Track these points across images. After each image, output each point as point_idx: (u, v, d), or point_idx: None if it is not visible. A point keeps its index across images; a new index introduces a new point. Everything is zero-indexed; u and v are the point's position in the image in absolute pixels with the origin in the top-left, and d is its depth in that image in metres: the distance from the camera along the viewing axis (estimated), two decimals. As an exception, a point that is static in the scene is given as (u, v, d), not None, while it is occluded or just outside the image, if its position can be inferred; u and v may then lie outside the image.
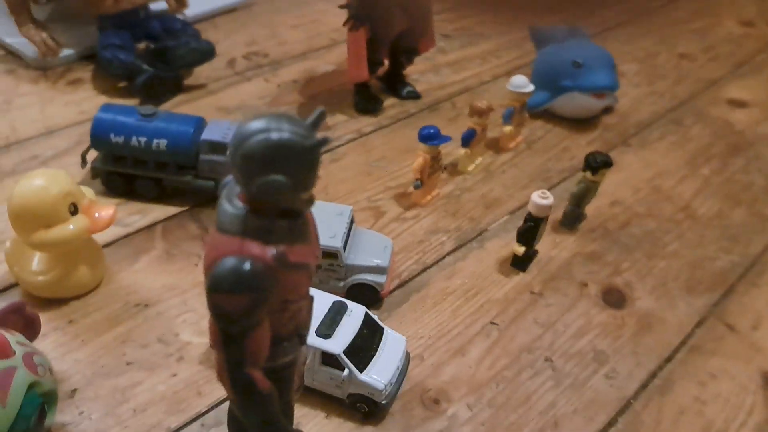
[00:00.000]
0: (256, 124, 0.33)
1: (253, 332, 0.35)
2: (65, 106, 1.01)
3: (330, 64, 1.20)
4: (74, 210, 0.66)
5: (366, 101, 1.07)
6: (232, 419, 0.44)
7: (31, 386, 0.53)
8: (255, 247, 0.34)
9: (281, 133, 0.33)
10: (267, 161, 0.33)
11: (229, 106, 1.04)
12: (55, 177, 0.66)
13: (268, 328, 0.36)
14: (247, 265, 0.33)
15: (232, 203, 0.35)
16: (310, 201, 0.36)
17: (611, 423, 0.65)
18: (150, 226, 0.81)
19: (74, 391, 0.62)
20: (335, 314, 0.63)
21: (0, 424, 0.51)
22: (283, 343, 0.38)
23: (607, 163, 0.82)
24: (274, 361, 0.38)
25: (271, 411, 0.37)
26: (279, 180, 0.33)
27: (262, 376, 0.36)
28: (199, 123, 0.82)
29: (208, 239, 0.36)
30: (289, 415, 0.43)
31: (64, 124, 0.97)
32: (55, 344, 0.66)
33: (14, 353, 0.54)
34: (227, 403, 0.62)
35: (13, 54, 1.11)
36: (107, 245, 0.77)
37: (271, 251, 0.34)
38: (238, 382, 0.36)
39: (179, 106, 1.03)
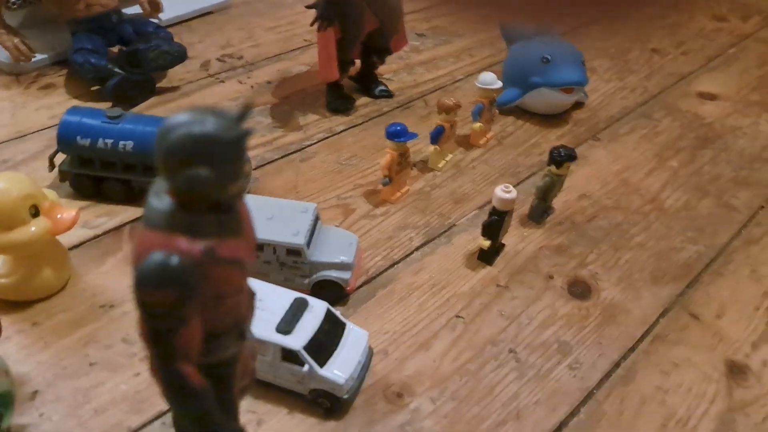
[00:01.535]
0: (179, 118, 0.34)
1: (181, 328, 0.35)
2: (37, 111, 1.01)
3: (304, 65, 1.20)
4: (35, 212, 0.66)
5: (337, 100, 1.08)
6: (173, 418, 0.45)
7: (-12, 388, 0.54)
8: (182, 242, 0.34)
9: (203, 125, 0.33)
10: (189, 154, 0.33)
11: (200, 108, 1.04)
12: (15, 179, 0.66)
13: (198, 323, 0.36)
14: (174, 260, 0.34)
15: (159, 198, 0.35)
16: (240, 193, 0.36)
17: (573, 413, 0.65)
18: (117, 228, 0.81)
19: (35, 393, 0.62)
20: (296, 311, 0.63)
21: (-45, 425, 0.51)
22: (221, 338, 0.39)
23: (571, 157, 0.83)
24: (212, 356, 0.39)
25: (206, 407, 0.37)
26: (202, 173, 0.33)
27: (194, 371, 0.36)
28: (166, 124, 0.82)
29: (136, 236, 0.36)
30: (233, 411, 0.43)
31: (35, 129, 0.97)
32: (18, 347, 0.66)
33: (-29, 355, 0.54)
34: (189, 401, 0.63)
35: (-16, 60, 1.11)
36: (74, 247, 0.77)
37: (199, 246, 0.34)
38: (169, 378, 0.36)
39: (152, 108, 1.03)
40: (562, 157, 0.82)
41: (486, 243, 0.79)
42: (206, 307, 0.36)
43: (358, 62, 1.10)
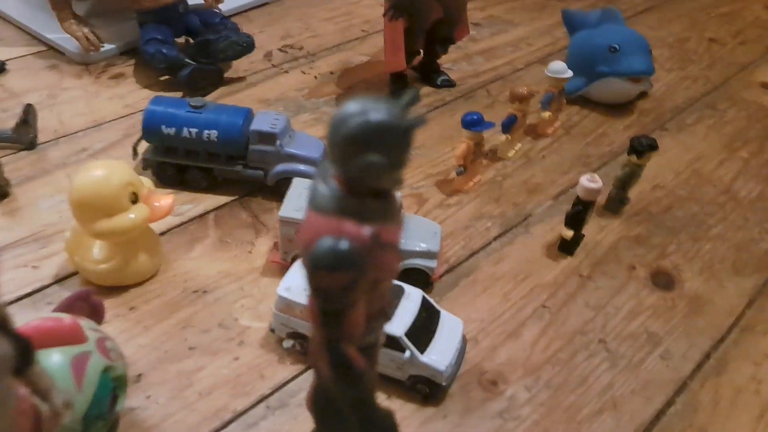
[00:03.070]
0: (354, 107, 0.34)
1: (350, 310, 0.36)
2: (110, 100, 1.02)
3: (364, 55, 1.20)
4: (135, 199, 0.68)
5: (402, 91, 1.07)
6: (318, 400, 0.45)
7: (105, 371, 0.55)
8: (352, 227, 0.35)
9: (380, 114, 0.34)
10: (366, 142, 0.34)
11: (269, 98, 1.05)
12: (116, 167, 0.67)
13: (363, 306, 0.37)
14: (345, 244, 0.34)
15: (327, 184, 0.36)
16: (400, 181, 0.37)
17: (669, 403, 0.65)
18: (202, 215, 0.82)
19: (140, 376, 0.63)
20: (394, 298, 0.64)
21: (76, 408, 0.52)
22: (371, 322, 0.39)
23: (653, 147, 0.82)
24: (363, 340, 0.39)
25: (366, 389, 0.38)
26: (377, 160, 0.34)
27: (357, 353, 0.37)
28: (248, 114, 0.83)
29: (305, 219, 0.36)
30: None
31: (111, 118, 0.98)
32: (118, 331, 0.67)
33: (87, 339, 0.55)
34: (291, 385, 0.64)
35: (55, 50, 1.13)
36: (162, 234, 0.78)
37: (367, 230, 0.35)
38: (336, 359, 0.37)
39: (221, 98, 1.04)
40: (644, 147, 0.82)
41: (569, 233, 0.79)
42: (364, 291, 0.37)
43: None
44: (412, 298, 0.65)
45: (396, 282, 0.66)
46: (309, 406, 0.47)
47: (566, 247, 0.81)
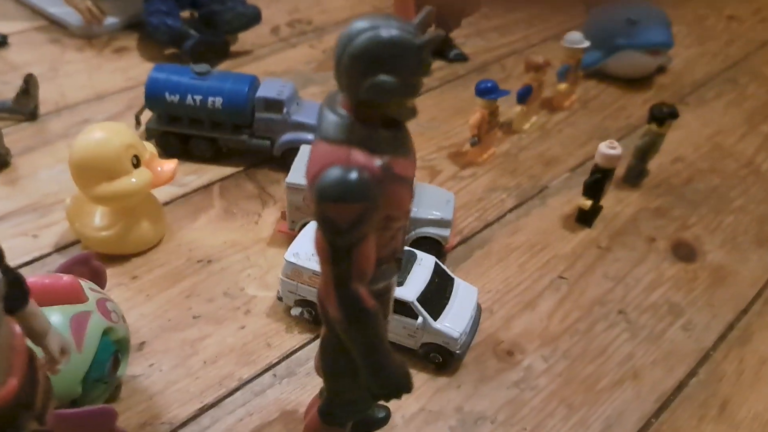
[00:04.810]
0: (363, 23, 0.31)
1: (360, 245, 0.33)
2: (112, 73, 1.00)
3: (373, 30, 1.18)
4: (137, 163, 0.65)
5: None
6: (327, 355, 0.42)
7: (106, 332, 0.53)
8: (362, 156, 0.32)
9: (390, 30, 0.31)
10: (376, 60, 0.31)
11: (276, 71, 1.03)
12: (117, 129, 0.65)
13: (374, 243, 0.34)
14: (354, 174, 0.32)
15: (335, 111, 0.33)
16: (414, 110, 0.34)
17: (692, 374, 0.63)
18: (207, 186, 0.80)
19: (143, 343, 0.61)
20: (405, 263, 0.61)
21: (76, 369, 0.50)
22: (382, 266, 0.37)
23: (674, 114, 0.79)
24: (374, 284, 0.37)
25: (376, 332, 0.35)
26: (389, 81, 0.31)
27: (368, 293, 0.34)
28: (253, 81, 0.81)
29: (312, 149, 0.34)
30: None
31: (113, 90, 0.96)
32: (120, 299, 0.65)
33: (87, 298, 0.53)
34: (299, 354, 0.61)
35: (57, 24, 1.10)
36: (165, 204, 0.76)
37: (377, 161, 0.33)
38: (345, 298, 0.34)
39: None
40: (664, 114, 0.79)
41: (587, 203, 0.76)
42: (376, 229, 0.34)
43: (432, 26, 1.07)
44: (424, 264, 0.62)
45: (408, 248, 0.63)
46: (317, 365, 0.44)
47: (584, 218, 0.78)
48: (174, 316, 0.64)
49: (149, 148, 0.68)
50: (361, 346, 0.36)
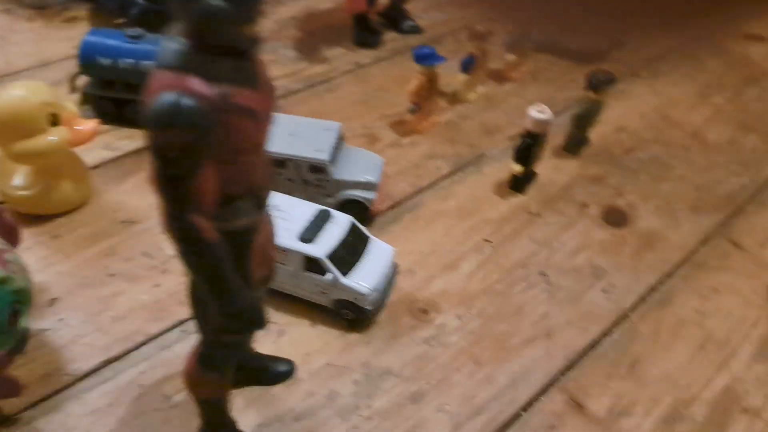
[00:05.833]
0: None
1: (195, 175, 0.33)
2: (60, 42, 0.99)
3: (330, 2, 1.17)
4: (55, 122, 0.65)
5: (364, 34, 1.04)
6: (190, 290, 0.43)
7: (2, 282, 0.52)
8: (196, 83, 0.32)
9: (219, -50, 0.31)
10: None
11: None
12: (35, 87, 0.65)
13: (213, 174, 0.34)
14: (186, 100, 0.31)
15: (173, 39, 0.33)
16: (254, 39, 0.34)
17: (606, 333, 0.62)
18: (139, 151, 0.79)
19: (54, 300, 0.61)
20: (319, 221, 0.61)
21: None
22: (237, 202, 0.37)
23: (610, 81, 0.79)
24: (229, 222, 0.37)
25: (219, 265, 0.35)
26: (216, 4, 0.31)
27: (208, 225, 0.34)
28: (188, 45, 0.80)
29: (150, 77, 0.34)
30: (250, 285, 0.41)
31: (58, 58, 0.96)
32: (37, 257, 0.65)
33: (-19, 248, 0.52)
34: (208, 310, 0.61)
35: (9, -6, 1.10)
36: (95, 167, 0.76)
37: (214, 89, 0.32)
38: (181, 229, 0.34)
39: (175, 41, 1.01)
40: (600, 81, 0.78)
41: (517, 168, 0.76)
42: (221, 160, 0.34)
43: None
44: (338, 223, 0.62)
45: (324, 208, 0.63)
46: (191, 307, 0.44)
47: (517, 185, 0.78)
48: (90, 275, 0.64)
49: (70, 108, 0.67)
50: (202, 278, 0.36)
